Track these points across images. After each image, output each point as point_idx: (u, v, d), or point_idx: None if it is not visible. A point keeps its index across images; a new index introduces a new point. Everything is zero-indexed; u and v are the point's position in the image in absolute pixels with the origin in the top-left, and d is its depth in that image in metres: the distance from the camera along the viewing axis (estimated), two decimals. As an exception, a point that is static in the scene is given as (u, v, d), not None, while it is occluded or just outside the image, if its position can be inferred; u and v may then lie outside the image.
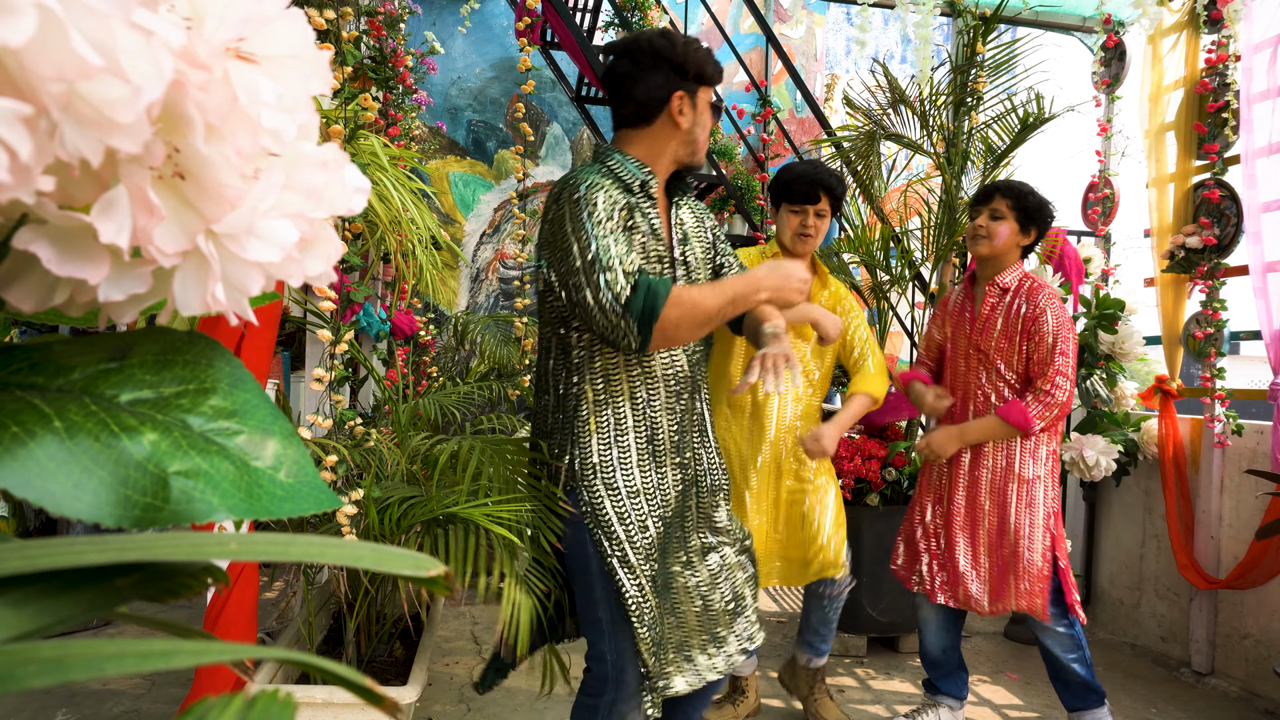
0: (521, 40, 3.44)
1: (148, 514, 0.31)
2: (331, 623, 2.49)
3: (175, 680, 2.65)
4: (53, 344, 0.35)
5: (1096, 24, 3.81)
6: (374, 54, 2.94)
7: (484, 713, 2.53)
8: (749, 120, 4.83)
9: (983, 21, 3.22)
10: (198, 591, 0.35)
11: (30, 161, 0.27)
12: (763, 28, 3.73)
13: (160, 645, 0.26)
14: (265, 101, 0.32)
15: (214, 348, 0.38)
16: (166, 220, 0.31)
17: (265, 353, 1.83)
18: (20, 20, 0.26)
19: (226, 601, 1.78)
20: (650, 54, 1.55)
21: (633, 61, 1.56)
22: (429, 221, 1.99)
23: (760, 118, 4.24)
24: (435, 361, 4.18)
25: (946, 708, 2.57)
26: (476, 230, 4.82)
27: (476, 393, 3.72)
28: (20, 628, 0.27)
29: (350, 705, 1.81)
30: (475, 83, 4.82)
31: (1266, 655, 2.82)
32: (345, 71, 1.95)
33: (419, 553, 0.34)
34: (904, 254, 3.38)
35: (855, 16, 5.08)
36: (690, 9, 4.88)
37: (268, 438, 0.36)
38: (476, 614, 3.52)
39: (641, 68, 1.56)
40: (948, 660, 2.54)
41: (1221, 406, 3.01)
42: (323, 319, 2.06)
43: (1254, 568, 2.76)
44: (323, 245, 0.37)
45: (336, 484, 1.89)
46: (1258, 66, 2.92)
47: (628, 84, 1.57)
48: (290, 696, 0.27)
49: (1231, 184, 3.06)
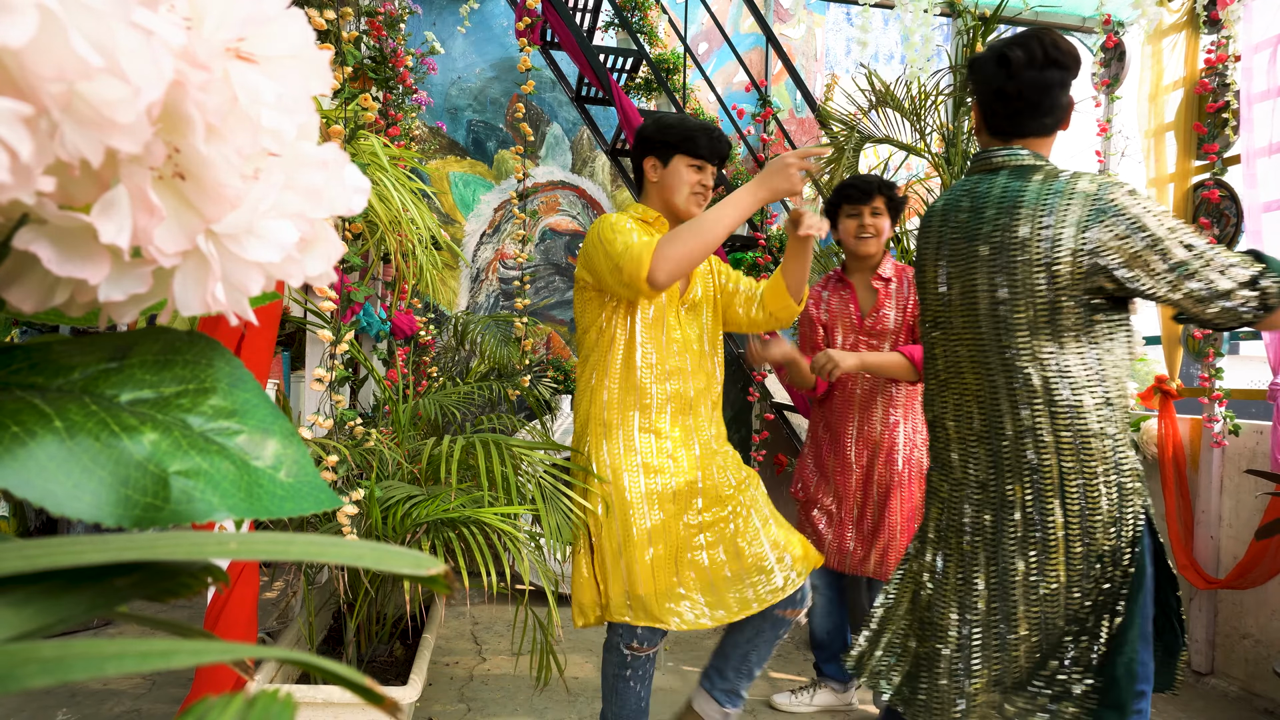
0: (521, 40, 3.44)
1: (148, 514, 0.31)
2: (332, 623, 2.49)
3: (175, 680, 2.65)
4: (53, 344, 0.35)
5: (1096, 24, 3.82)
6: (374, 54, 2.94)
7: (484, 713, 2.53)
8: (749, 120, 4.83)
9: (983, 21, 3.22)
10: (198, 591, 0.35)
11: (30, 161, 0.27)
12: (763, 28, 3.73)
13: (160, 645, 0.26)
14: (265, 101, 0.32)
15: (214, 348, 0.38)
16: (166, 220, 0.31)
17: (265, 353, 1.83)
18: (20, 20, 0.26)
19: (227, 601, 1.78)
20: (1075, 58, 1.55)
21: (1062, 69, 1.54)
22: (429, 221, 1.99)
23: (760, 118, 4.23)
24: (435, 361, 4.18)
25: (830, 689, 2.65)
26: (476, 230, 4.82)
27: (476, 393, 3.72)
28: (20, 628, 0.27)
29: (350, 705, 1.81)
30: (475, 83, 4.82)
31: (1266, 655, 2.82)
32: (345, 71, 1.95)
33: (419, 552, 0.34)
34: (904, 254, 3.38)
35: (855, 16, 5.09)
36: (690, 9, 4.88)
37: (268, 437, 0.36)
38: (476, 614, 3.52)
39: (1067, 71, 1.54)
40: (833, 642, 2.63)
41: (1220, 407, 3.01)
42: (323, 319, 2.06)
43: (1253, 568, 2.76)
44: (323, 245, 0.37)
45: (337, 484, 1.89)
46: (1257, 66, 2.92)
47: (1057, 91, 1.53)
48: (290, 696, 0.27)
49: (1231, 184, 3.06)
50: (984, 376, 1.54)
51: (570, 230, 4.94)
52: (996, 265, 1.50)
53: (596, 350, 1.97)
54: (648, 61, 3.81)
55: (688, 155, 1.93)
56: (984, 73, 1.57)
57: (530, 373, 4.10)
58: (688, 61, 4.22)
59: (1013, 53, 1.52)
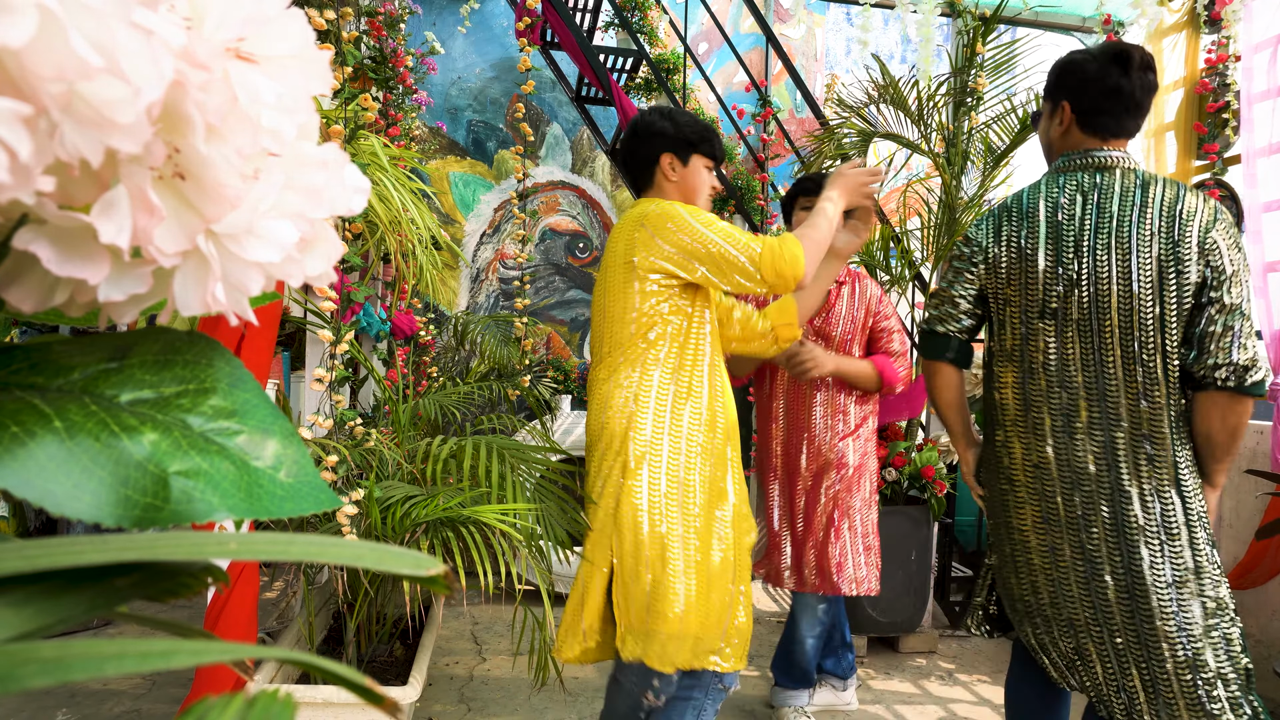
0: (521, 40, 3.44)
1: (148, 514, 0.31)
2: (332, 623, 2.49)
3: (175, 680, 2.65)
4: (53, 344, 0.35)
5: (1096, 24, 3.82)
6: (374, 54, 2.94)
7: (484, 713, 2.53)
8: (749, 120, 4.83)
9: (982, 22, 3.22)
10: (198, 591, 0.35)
11: (30, 161, 0.27)
12: (763, 28, 3.73)
13: (160, 645, 0.26)
14: (265, 102, 0.32)
15: (214, 348, 0.38)
16: (166, 220, 0.31)
17: (265, 353, 1.83)
18: (20, 20, 0.26)
19: (227, 601, 1.78)
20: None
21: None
22: (429, 221, 1.99)
23: (760, 118, 4.23)
24: (435, 361, 4.18)
25: (830, 687, 2.64)
26: (476, 230, 4.82)
27: (476, 393, 3.72)
28: (20, 628, 0.27)
29: (350, 705, 1.81)
30: (475, 83, 4.82)
31: (1266, 655, 2.82)
32: (345, 71, 1.95)
33: (419, 552, 0.34)
34: (904, 254, 3.38)
35: (855, 17, 5.08)
36: (690, 9, 4.88)
37: (268, 437, 0.36)
38: (476, 614, 3.52)
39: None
40: (832, 637, 2.61)
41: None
42: (323, 319, 2.06)
43: (1254, 568, 2.76)
44: (323, 245, 0.37)
45: (337, 484, 1.89)
46: (1258, 66, 2.92)
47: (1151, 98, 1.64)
48: (290, 696, 0.27)
49: (1231, 184, 3.06)
50: (1100, 368, 1.57)
51: (570, 230, 4.94)
52: (1128, 263, 1.53)
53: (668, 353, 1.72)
54: (648, 61, 3.81)
55: (705, 156, 1.86)
56: (1090, 71, 1.60)
57: (530, 373, 4.10)
58: (688, 61, 4.22)
59: (1130, 53, 1.58)
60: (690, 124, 1.85)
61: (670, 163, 1.85)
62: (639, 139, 1.86)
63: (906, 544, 3.13)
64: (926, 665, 3.11)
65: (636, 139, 1.87)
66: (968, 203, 3.22)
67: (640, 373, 1.72)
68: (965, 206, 3.22)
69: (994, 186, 3.27)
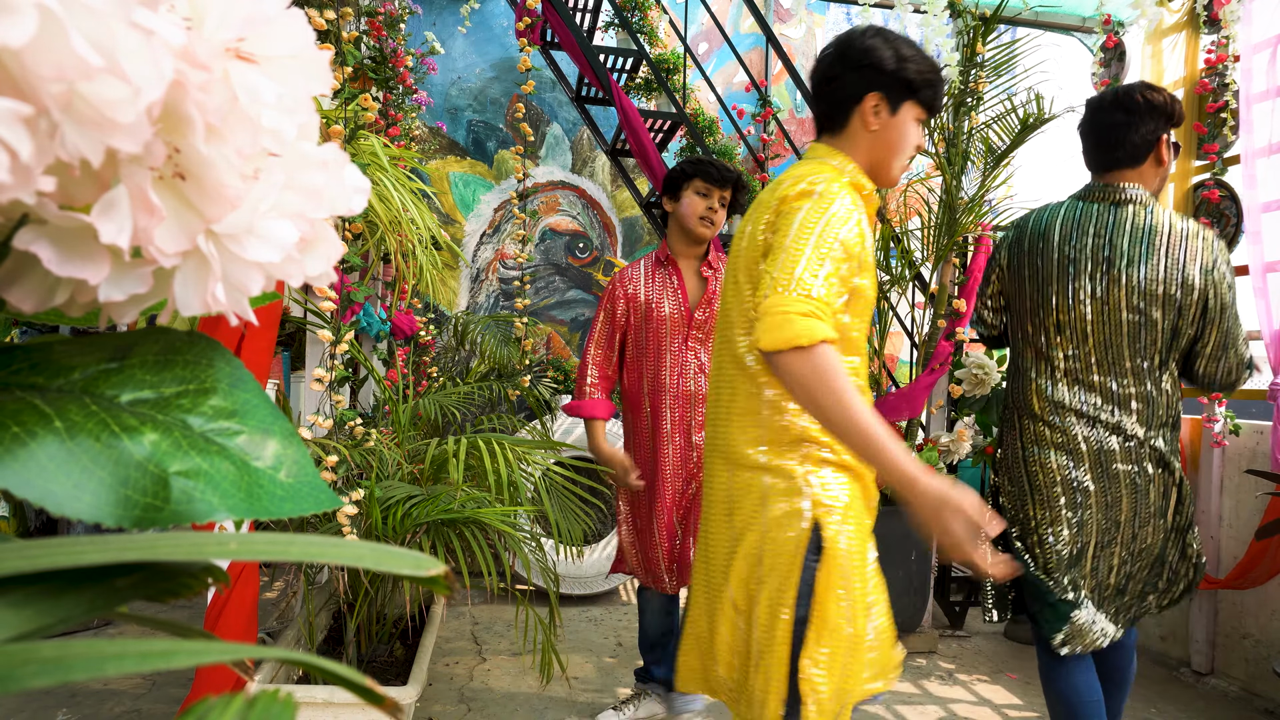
0: (521, 40, 3.44)
1: (148, 514, 0.31)
2: (332, 623, 2.49)
3: (176, 680, 2.65)
4: (53, 344, 0.35)
5: (1096, 24, 3.82)
6: (374, 54, 2.94)
7: (484, 713, 2.53)
8: (749, 120, 4.83)
9: (983, 22, 3.22)
10: (198, 591, 0.35)
11: (31, 162, 0.27)
12: (763, 28, 3.73)
13: (160, 645, 0.26)
14: (265, 102, 0.32)
15: (214, 348, 0.38)
16: (167, 220, 0.31)
17: (265, 353, 1.83)
18: (20, 20, 0.26)
19: (227, 601, 1.78)
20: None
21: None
22: (429, 221, 1.99)
23: (760, 118, 4.23)
24: (435, 361, 4.18)
25: (655, 698, 2.52)
26: (476, 230, 4.82)
27: (476, 393, 3.72)
28: (20, 628, 0.27)
29: (350, 705, 1.81)
30: (475, 83, 4.82)
31: (1266, 655, 2.82)
32: (345, 71, 1.95)
33: (419, 552, 0.34)
34: (904, 254, 3.38)
35: (855, 17, 5.08)
36: (690, 9, 4.88)
37: (268, 438, 0.36)
38: (476, 614, 3.52)
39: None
40: (669, 643, 2.48)
41: (1220, 407, 3.01)
42: (323, 319, 2.06)
43: (1254, 568, 2.76)
44: (323, 245, 0.37)
45: (337, 484, 1.89)
46: (1257, 67, 2.92)
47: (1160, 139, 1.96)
48: (290, 696, 0.27)
49: (1231, 184, 3.06)
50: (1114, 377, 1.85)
51: (570, 230, 4.93)
52: (1137, 290, 1.80)
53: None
54: (648, 61, 3.82)
55: (921, 106, 1.50)
56: (1102, 114, 1.90)
57: (530, 373, 4.10)
58: (688, 61, 4.22)
59: (1101, 96, 1.90)
60: (916, 60, 1.45)
61: (876, 106, 1.44)
62: (845, 63, 1.45)
63: (906, 544, 3.13)
64: (926, 665, 3.11)
65: (843, 62, 1.46)
66: (968, 203, 3.22)
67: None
68: (965, 206, 3.22)
69: (994, 186, 3.27)
